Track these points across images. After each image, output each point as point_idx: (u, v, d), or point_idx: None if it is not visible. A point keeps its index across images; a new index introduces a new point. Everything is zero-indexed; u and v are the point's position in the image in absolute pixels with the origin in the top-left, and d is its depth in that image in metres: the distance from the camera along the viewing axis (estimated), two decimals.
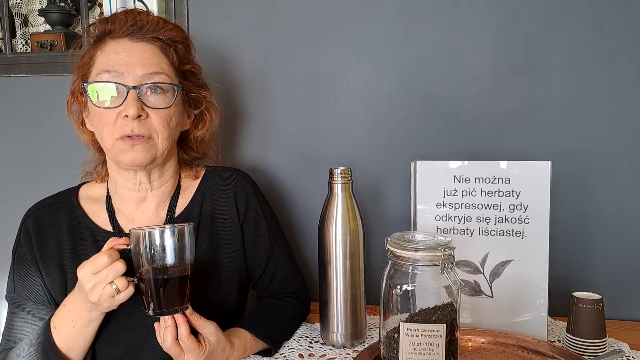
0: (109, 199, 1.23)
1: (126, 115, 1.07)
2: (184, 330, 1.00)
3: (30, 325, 1.16)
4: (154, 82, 1.11)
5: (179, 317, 1.00)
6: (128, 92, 1.08)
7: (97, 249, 1.07)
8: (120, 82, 1.08)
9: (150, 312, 1.00)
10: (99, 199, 1.24)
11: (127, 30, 1.12)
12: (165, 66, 1.14)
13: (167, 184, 1.23)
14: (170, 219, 1.22)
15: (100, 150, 1.20)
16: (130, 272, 1.00)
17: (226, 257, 1.24)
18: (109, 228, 1.20)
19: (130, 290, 1.00)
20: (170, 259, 1.00)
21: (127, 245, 1.01)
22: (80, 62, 1.17)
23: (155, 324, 1.02)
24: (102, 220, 1.21)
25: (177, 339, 1.00)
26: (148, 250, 0.99)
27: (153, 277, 0.99)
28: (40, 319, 1.16)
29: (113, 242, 1.01)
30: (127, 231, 1.19)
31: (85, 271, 0.98)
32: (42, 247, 1.18)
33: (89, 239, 1.19)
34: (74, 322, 1.07)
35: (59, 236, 1.19)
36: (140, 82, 1.09)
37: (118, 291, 0.98)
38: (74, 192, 1.25)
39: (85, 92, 1.12)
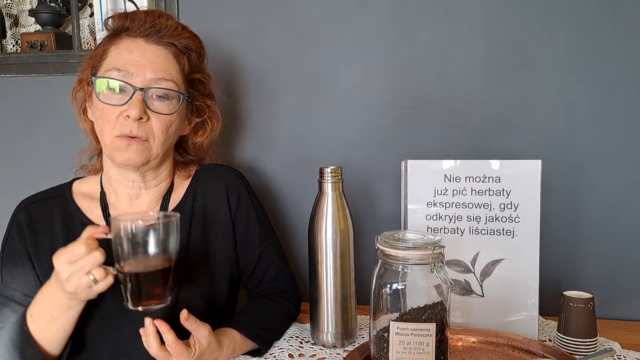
0: (102, 194, 1.23)
1: (128, 116, 1.08)
2: (169, 337, 0.98)
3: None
4: (161, 88, 1.11)
5: (162, 325, 0.98)
6: (134, 93, 1.08)
7: None
8: (128, 82, 1.09)
9: (130, 306, 0.96)
10: (92, 194, 1.24)
11: (144, 31, 1.13)
12: (175, 73, 1.15)
13: (161, 184, 1.24)
14: None
15: (98, 139, 1.20)
16: (110, 260, 0.96)
17: (218, 253, 1.24)
18: (103, 223, 1.19)
19: (109, 280, 0.96)
20: (152, 250, 0.95)
21: (107, 234, 0.96)
22: (92, 53, 1.18)
23: (141, 330, 1.00)
24: (95, 215, 1.21)
25: (163, 344, 0.99)
26: (129, 241, 0.94)
27: (133, 269, 0.94)
28: None
29: (92, 231, 0.98)
30: None
31: (61, 260, 0.95)
32: (35, 240, 1.17)
33: (80, 233, 1.17)
34: (52, 310, 1.03)
35: (52, 230, 1.18)
36: (147, 85, 1.10)
37: (95, 282, 0.95)
38: (66, 187, 1.25)
39: (93, 84, 1.12)
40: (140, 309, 0.96)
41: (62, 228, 1.18)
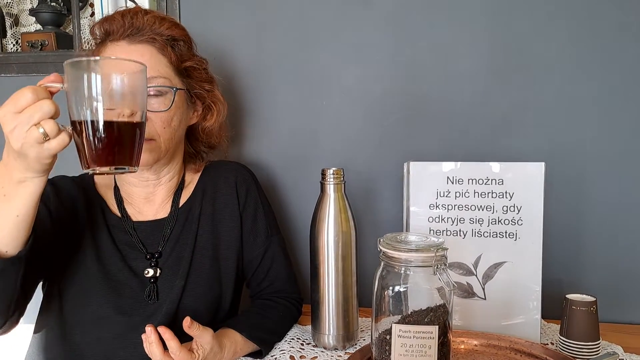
0: (117, 188, 1.25)
1: None
2: (173, 344, 0.96)
3: None
4: (152, 87, 1.11)
5: (166, 332, 0.96)
6: None
7: (109, 230, 1.10)
8: None
9: (88, 170, 0.83)
10: (109, 186, 1.26)
11: (124, 33, 1.14)
12: (164, 68, 1.15)
13: (174, 179, 1.26)
14: (175, 209, 1.25)
15: None
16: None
17: (225, 248, 1.25)
18: (119, 215, 1.22)
19: (64, 139, 0.82)
20: (116, 99, 0.81)
21: (61, 84, 0.83)
22: None
23: (143, 336, 0.98)
24: (112, 204, 1.24)
25: (166, 350, 0.97)
26: (85, 88, 0.79)
27: (91, 126, 0.80)
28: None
29: (42, 80, 0.84)
30: (134, 219, 1.22)
31: (5, 110, 0.81)
32: (57, 200, 1.16)
33: (101, 218, 1.20)
34: (3, 185, 0.90)
35: (75, 204, 1.19)
36: None
37: (46, 136, 0.81)
38: (86, 176, 1.27)
39: None
40: (97, 170, 0.83)
41: (85, 207, 1.20)
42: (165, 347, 0.97)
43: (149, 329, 0.96)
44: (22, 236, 0.93)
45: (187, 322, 0.98)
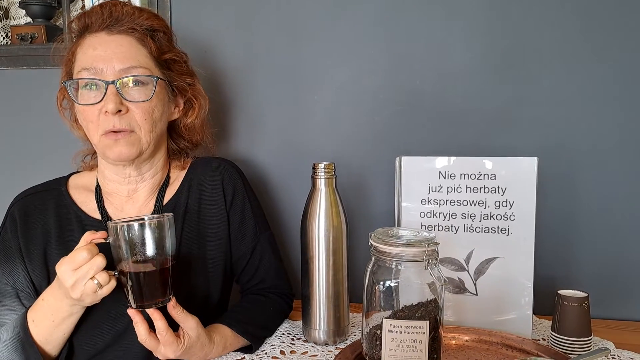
0: (98, 187, 1.23)
1: (107, 111, 1.07)
2: (160, 324, 0.98)
3: (10, 312, 1.15)
4: (132, 76, 1.10)
5: (154, 312, 0.98)
6: (107, 88, 1.08)
7: None
8: (99, 78, 1.09)
9: (133, 305, 0.98)
10: (88, 187, 1.24)
11: (103, 23, 1.12)
12: (143, 58, 1.14)
13: (157, 176, 1.24)
14: (159, 208, 1.22)
15: None
16: (110, 264, 0.98)
17: (212, 246, 1.24)
18: (98, 216, 1.20)
19: (113, 284, 0.98)
20: (150, 251, 0.98)
21: (105, 239, 0.98)
22: (64, 60, 1.19)
23: (129, 312, 1.00)
24: (90, 208, 1.21)
25: (152, 331, 0.99)
26: (127, 243, 0.97)
27: (134, 270, 0.97)
28: (21, 306, 1.16)
29: (90, 237, 0.98)
30: (116, 219, 1.19)
31: (64, 268, 0.96)
32: (27, 234, 1.17)
33: (76, 227, 1.18)
34: (54, 316, 1.05)
35: (45, 223, 1.18)
36: (118, 76, 1.09)
37: (100, 286, 0.96)
38: (63, 181, 1.25)
39: (67, 90, 1.13)
40: (141, 307, 0.98)
41: (56, 221, 1.19)
42: (153, 329, 1.00)
43: (132, 311, 0.99)
44: (65, 343, 1.11)
45: (172, 302, 1.00)
